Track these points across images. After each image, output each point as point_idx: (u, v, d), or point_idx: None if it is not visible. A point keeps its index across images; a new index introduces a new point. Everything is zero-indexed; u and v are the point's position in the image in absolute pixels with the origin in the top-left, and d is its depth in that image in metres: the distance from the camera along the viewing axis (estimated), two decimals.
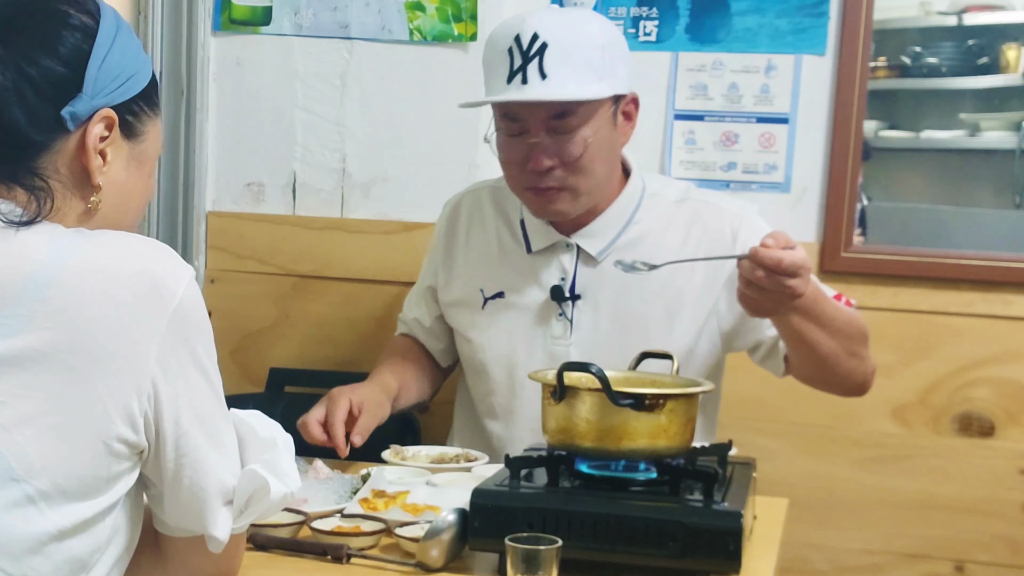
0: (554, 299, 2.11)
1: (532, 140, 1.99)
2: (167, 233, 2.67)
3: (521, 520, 1.51)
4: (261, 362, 2.67)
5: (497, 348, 2.15)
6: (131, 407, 1.21)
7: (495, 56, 2.00)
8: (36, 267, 1.20)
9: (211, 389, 1.28)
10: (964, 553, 2.57)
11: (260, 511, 1.34)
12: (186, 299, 1.24)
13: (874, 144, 2.77)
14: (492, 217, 2.20)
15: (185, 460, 1.26)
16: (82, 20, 1.29)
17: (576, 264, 2.12)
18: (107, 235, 1.26)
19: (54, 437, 1.18)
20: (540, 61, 1.95)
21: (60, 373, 1.18)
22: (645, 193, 2.15)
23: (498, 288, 2.16)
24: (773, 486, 2.10)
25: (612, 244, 2.11)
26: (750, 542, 1.63)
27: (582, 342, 2.10)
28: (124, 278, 1.21)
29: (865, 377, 2.07)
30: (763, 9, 2.56)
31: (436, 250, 2.27)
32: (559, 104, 1.97)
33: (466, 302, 2.19)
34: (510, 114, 2.01)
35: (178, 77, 2.64)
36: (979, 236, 2.75)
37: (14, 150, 1.26)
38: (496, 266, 2.17)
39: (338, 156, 2.66)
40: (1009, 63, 2.78)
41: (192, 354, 1.25)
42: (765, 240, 1.76)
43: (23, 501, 1.18)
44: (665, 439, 1.59)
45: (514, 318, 2.14)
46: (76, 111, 1.27)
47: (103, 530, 1.24)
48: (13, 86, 1.24)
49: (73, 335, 1.18)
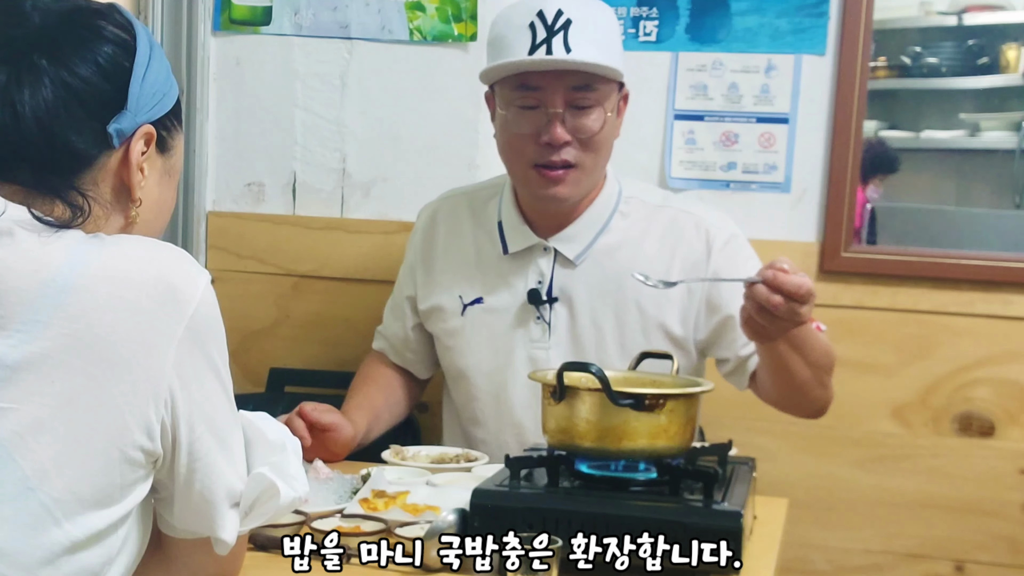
0: (531, 302, 2.11)
1: (552, 111, 1.99)
2: (167, 233, 2.64)
3: (521, 520, 1.51)
4: (261, 362, 2.67)
5: (478, 354, 2.16)
6: (148, 414, 1.21)
7: (512, 30, 1.99)
8: (54, 273, 1.20)
9: (224, 394, 1.29)
10: (964, 553, 2.57)
11: (267, 514, 1.34)
12: (203, 305, 1.25)
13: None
14: (469, 224, 2.21)
15: (198, 465, 1.27)
16: (118, 35, 1.30)
17: (553, 267, 2.12)
18: (125, 240, 1.27)
19: (70, 444, 1.18)
20: (565, 35, 1.96)
21: (77, 379, 1.18)
22: (621, 197, 2.16)
23: (477, 294, 2.16)
24: (773, 486, 2.09)
25: (589, 248, 2.12)
26: (750, 542, 1.63)
27: (561, 344, 2.10)
28: (141, 284, 1.22)
29: (824, 405, 2.08)
30: (763, 9, 2.56)
31: (413, 259, 2.27)
32: (584, 76, 1.98)
33: (445, 309, 2.19)
34: (528, 84, 2.00)
35: (178, 77, 2.61)
36: (979, 236, 2.75)
37: (61, 165, 1.27)
38: (474, 272, 2.17)
39: (338, 156, 2.66)
40: (1009, 63, 2.78)
41: (207, 359, 1.26)
42: (780, 264, 1.71)
43: (38, 510, 1.17)
44: (665, 439, 1.59)
45: (493, 323, 2.14)
46: (122, 128, 1.29)
47: (115, 541, 1.24)
48: (62, 102, 1.25)
49: (90, 341, 1.19)
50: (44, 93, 1.24)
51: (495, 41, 2.04)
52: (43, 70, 1.24)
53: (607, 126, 2.02)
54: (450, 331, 2.19)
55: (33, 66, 1.24)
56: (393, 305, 2.32)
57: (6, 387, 1.17)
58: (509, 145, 2.07)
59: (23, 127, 1.24)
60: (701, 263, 2.10)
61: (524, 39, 1.97)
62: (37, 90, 1.24)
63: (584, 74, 1.98)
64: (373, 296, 2.62)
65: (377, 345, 2.33)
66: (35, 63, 1.24)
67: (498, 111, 2.06)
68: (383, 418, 2.22)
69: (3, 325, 1.18)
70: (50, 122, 1.24)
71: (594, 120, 2.00)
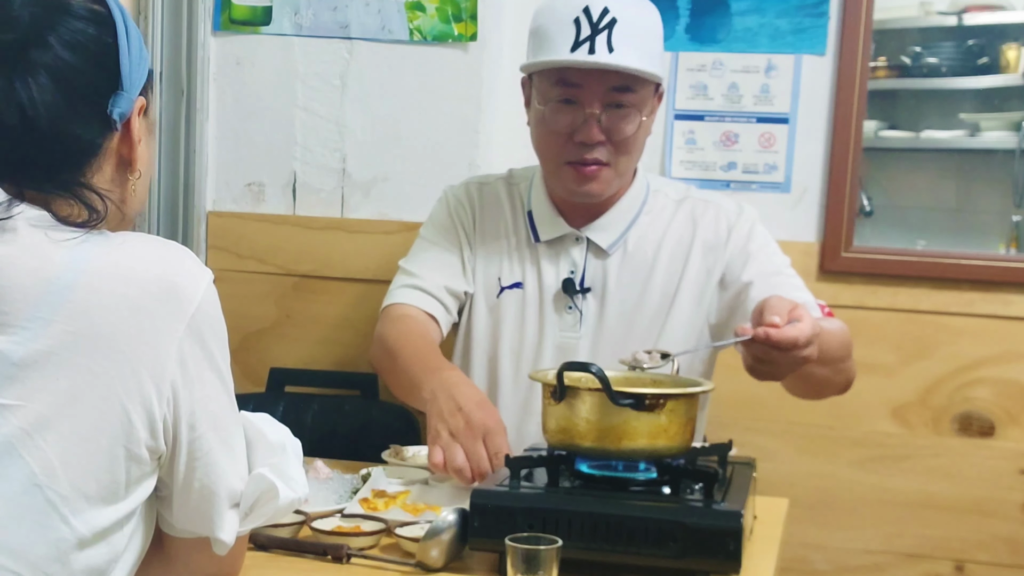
0: (566, 292, 2.12)
1: (589, 111, 1.99)
2: (167, 233, 2.66)
3: (521, 520, 1.51)
4: (261, 362, 2.67)
5: (508, 338, 2.16)
6: (152, 411, 1.22)
7: (556, 23, 1.99)
8: (57, 271, 1.20)
9: (225, 392, 1.29)
10: (964, 553, 2.57)
11: (267, 515, 1.34)
12: (205, 303, 1.25)
13: (874, 144, 2.77)
14: (508, 208, 2.21)
15: (198, 463, 1.27)
16: (95, 11, 1.29)
17: (586, 257, 2.13)
18: (128, 238, 1.27)
19: (75, 441, 1.18)
20: (609, 34, 1.96)
21: (81, 377, 1.18)
22: (649, 190, 2.18)
23: (515, 278, 2.17)
24: (773, 486, 2.10)
25: (622, 237, 2.13)
26: (750, 542, 1.63)
27: (590, 335, 2.12)
28: (144, 282, 1.22)
29: (848, 384, 2.09)
30: (763, 9, 2.56)
31: (466, 225, 2.19)
32: (625, 77, 1.98)
33: (483, 290, 2.19)
34: (568, 81, 2.00)
35: (178, 77, 2.64)
36: (979, 236, 2.75)
37: (71, 160, 1.27)
38: (512, 256, 2.18)
39: (338, 156, 2.66)
40: (1009, 63, 2.78)
41: (209, 357, 1.26)
42: (770, 319, 1.66)
43: (45, 507, 1.18)
44: (665, 439, 1.59)
45: (527, 308, 2.15)
46: (123, 109, 1.29)
47: (120, 539, 1.24)
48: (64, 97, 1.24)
49: (93, 339, 1.19)
50: (46, 91, 1.24)
51: (538, 32, 2.04)
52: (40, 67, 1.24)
53: (641, 129, 2.04)
54: (484, 312, 2.17)
55: (31, 65, 1.24)
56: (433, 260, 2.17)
57: (12, 384, 1.17)
58: (543, 140, 2.08)
59: (33, 128, 1.24)
60: (720, 247, 2.12)
61: (568, 34, 1.97)
62: (39, 89, 1.24)
63: (625, 75, 1.99)
64: (373, 296, 2.62)
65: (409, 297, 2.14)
66: (32, 61, 1.24)
67: (535, 104, 2.06)
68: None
69: (7, 323, 1.18)
70: (57, 119, 1.24)
71: (630, 123, 2.01)
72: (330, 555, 1.58)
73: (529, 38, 2.07)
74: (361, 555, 1.58)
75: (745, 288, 2.07)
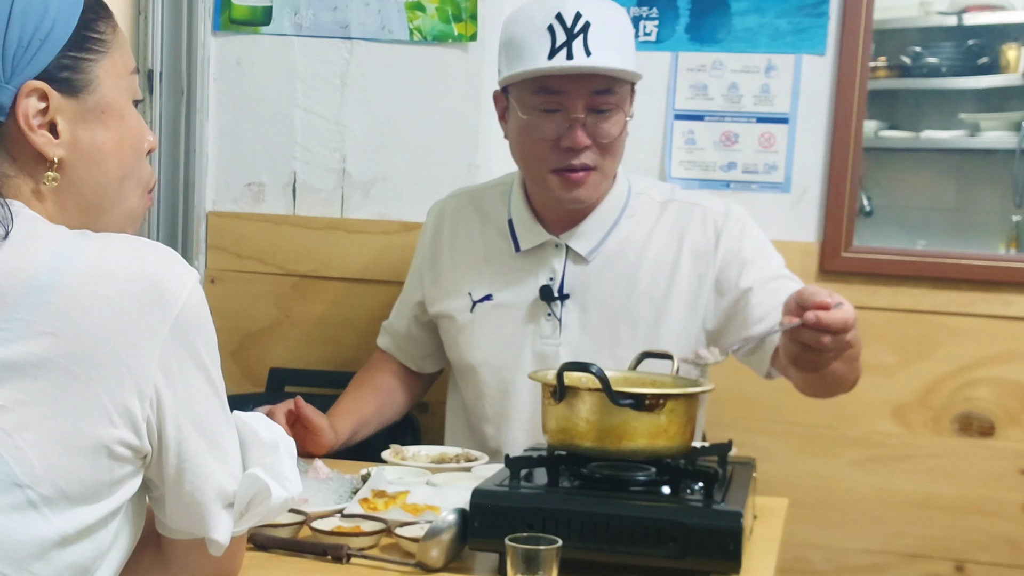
0: (543, 299, 2.11)
1: (573, 116, 1.99)
2: (167, 233, 2.67)
3: (521, 520, 1.51)
4: (261, 362, 2.67)
5: (487, 350, 2.16)
6: (133, 411, 1.20)
7: (530, 33, 1.99)
8: (38, 271, 1.19)
9: (214, 393, 1.28)
10: (964, 553, 2.57)
11: (261, 515, 1.34)
12: (189, 304, 1.23)
13: (874, 144, 2.77)
14: (476, 221, 2.21)
15: (187, 465, 1.26)
16: None
17: (565, 264, 2.12)
18: (111, 238, 1.25)
19: (56, 442, 1.18)
20: (584, 38, 1.96)
21: (61, 378, 1.17)
22: (631, 193, 2.16)
23: (486, 291, 2.16)
24: (773, 486, 2.10)
25: (601, 244, 2.12)
26: (750, 542, 1.63)
27: (571, 342, 2.10)
28: (126, 283, 1.20)
29: (857, 380, 2.08)
30: (763, 9, 2.56)
31: (421, 262, 2.28)
32: (605, 79, 1.98)
33: (455, 307, 2.19)
34: (549, 88, 2.00)
35: (178, 77, 2.64)
36: (979, 236, 2.75)
37: None
38: (483, 269, 2.18)
39: (338, 156, 2.66)
40: (1009, 63, 2.78)
41: (195, 358, 1.24)
42: (820, 301, 1.67)
43: (25, 506, 1.17)
44: (665, 439, 1.59)
45: (503, 319, 2.15)
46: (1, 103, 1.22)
47: (105, 536, 1.24)
48: None
49: (74, 340, 1.18)
50: None
51: (512, 43, 2.03)
52: None
53: (624, 130, 2.04)
54: (460, 327, 2.19)
55: None
56: (401, 303, 2.33)
57: None
58: (528, 149, 2.06)
59: None
60: (710, 251, 2.10)
61: (544, 42, 1.97)
62: None
63: (606, 78, 1.98)
64: (373, 296, 2.62)
65: (382, 342, 2.34)
66: None
67: (517, 114, 2.04)
68: (371, 424, 2.24)
69: None
70: None
71: (614, 124, 2.02)
72: (330, 555, 1.58)
73: (501, 50, 2.05)
74: (361, 555, 1.58)
75: (744, 294, 2.06)
